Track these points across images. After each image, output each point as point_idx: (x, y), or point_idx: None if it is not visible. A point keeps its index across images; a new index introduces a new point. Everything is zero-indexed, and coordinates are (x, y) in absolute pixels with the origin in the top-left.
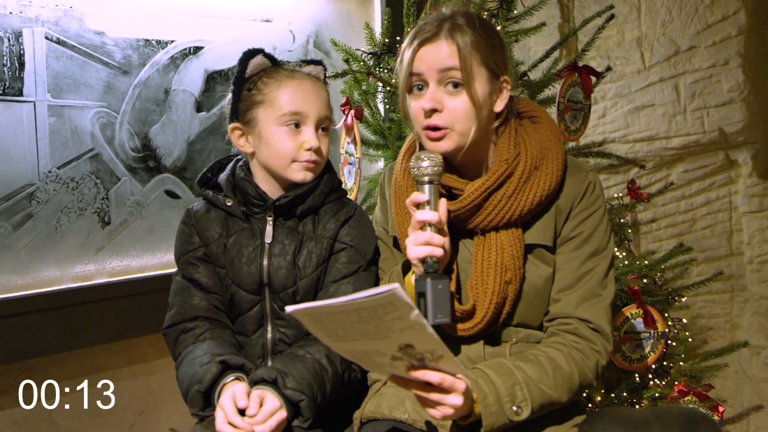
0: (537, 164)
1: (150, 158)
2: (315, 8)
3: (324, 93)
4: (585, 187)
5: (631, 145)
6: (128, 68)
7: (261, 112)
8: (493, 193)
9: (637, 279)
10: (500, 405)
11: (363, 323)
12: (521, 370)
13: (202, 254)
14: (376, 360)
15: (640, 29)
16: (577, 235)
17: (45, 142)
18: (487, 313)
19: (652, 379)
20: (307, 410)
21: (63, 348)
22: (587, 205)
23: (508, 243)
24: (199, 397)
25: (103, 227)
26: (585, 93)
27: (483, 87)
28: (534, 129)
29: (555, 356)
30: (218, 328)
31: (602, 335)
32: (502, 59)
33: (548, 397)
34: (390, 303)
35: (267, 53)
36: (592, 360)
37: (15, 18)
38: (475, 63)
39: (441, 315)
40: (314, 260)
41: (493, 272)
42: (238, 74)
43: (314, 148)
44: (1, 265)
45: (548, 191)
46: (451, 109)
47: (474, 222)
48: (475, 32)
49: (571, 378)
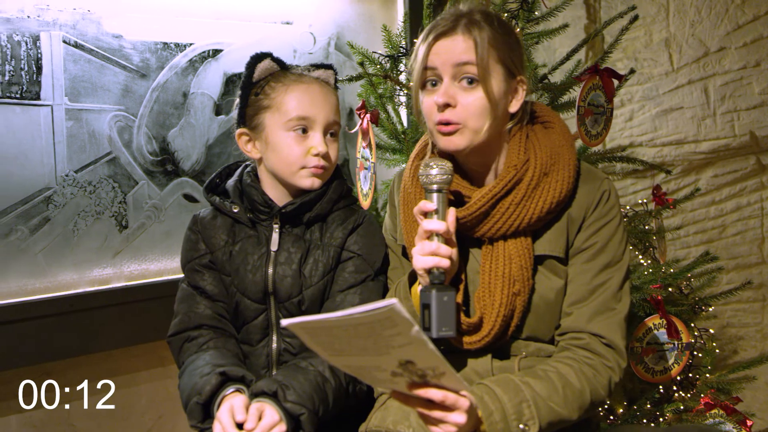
0: (547, 170)
1: (168, 162)
2: (337, 10)
3: (333, 97)
4: (599, 196)
5: (659, 149)
6: (146, 71)
7: (268, 117)
8: (501, 200)
9: (660, 288)
10: (506, 423)
11: (361, 338)
12: (530, 386)
13: (208, 261)
14: (376, 375)
15: (668, 30)
16: (590, 246)
17: (62, 146)
18: (495, 326)
19: (676, 392)
20: (308, 424)
21: (80, 351)
22: (601, 215)
23: (517, 253)
24: (198, 409)
25: (121, 231)
26: (607, 96)
27: (499, 85)
28: (545, 134)
29: (565, 372)
30: (222, 338)
31: (616, 351)
32: (519, 59)
33: (557, 414)
34: (388, 318)
35: (275, 57)
36: (604, 377)
37: (33, 22)
38: (491, 60)
39: (446, 328)
40: (321, 269)
41: (500, 284)
42: (246, 78)
43: (322, 153)
44: (18, 269)
45: (558, 199)
46: (465, 105)
47: (482, 230)
48: (492, 29)
49: (582, 395)
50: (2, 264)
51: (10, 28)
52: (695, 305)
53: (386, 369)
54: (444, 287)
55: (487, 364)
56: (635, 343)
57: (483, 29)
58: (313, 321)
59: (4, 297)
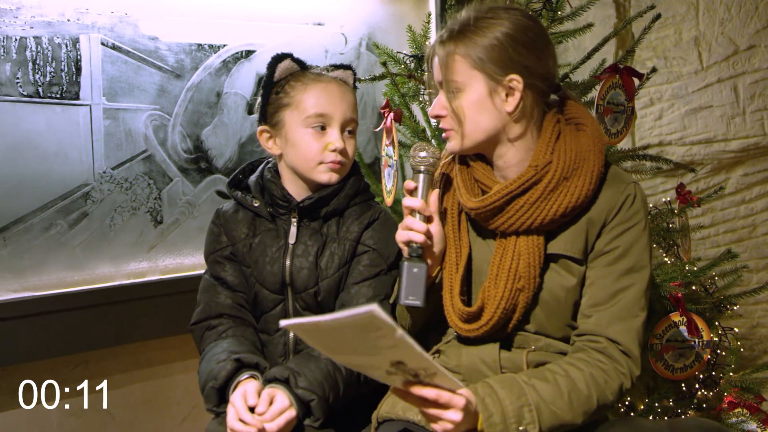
0: (568, 175)
1: (202, 159)
2: (368, 11)
3: (350, 96)
4: (623, 200)
5: (688, 148)
6: (181, 72)
7: (288, 115)
8: (516, 197)
9: (680, 286)
10: (505, 425)
11: (351, 340)
12: (534, 389)
13: (229, 253)
14: (374, 373)
15: (697, 28)
16: (612, 250)
17: (100, 144)
18: (493, 317)
19: (699, 390)
20: (318, 410)
21: (117, 342)
22: (624, 219)
23: (526, 250)
24: (214, 394)
25: (156, 226)
26: (627, 95)
27: (478, 90)
28: (575, 137)
29: (575, 376)
30: (241, 326)
31: (631, 359)
32: (505, 59)
33: (560, 419)
34: (370, 323)
35: (295, 58)
36: (615, 382)
37: (72, 25)
38: (465, 69)
39: (412, 297)
40: (336, 262)
41: (505, 277)
42: (267, 78)
43: (339, 149)
44: (57, 262)
45: (575, 204)
46: (451, 113)
47: (495, 223)
48: (465, 38)
49: (588, 400)
50: (42, 257)
51: (51, 31)
52: (720, 304)
53: (381, 368)
54: (417, 260)
55: (495, 353)
56: (655, 340)
57: (452, 42)
58: (306, 323)
59: (45, 288)
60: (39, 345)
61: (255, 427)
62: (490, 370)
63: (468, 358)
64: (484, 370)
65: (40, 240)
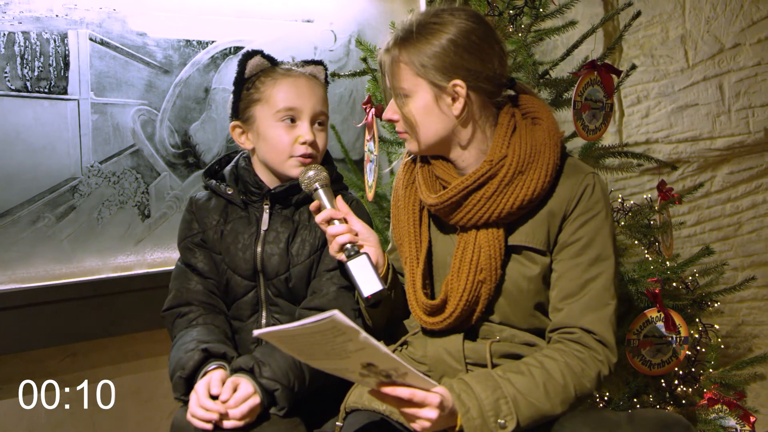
0: (523, 168)
1: (189, 155)
2: (358, 8)
3: (320, 89)
4: (582, 190)
5: (675, 146)
6: (169, 68)
7: (258, 110)
8: (472, 192)
9: (657, 282)
10: (483, 419)
11: (321, 345)
12: (509, 382)
13: (200, 240)
14: (349, 375)
15: (684, 27)
16: (576, 241)
17: (88, 138)
18: (456, 309)
19: (679, 386)
20: (283, 399)
21: (104, 334)
22: (585, 209)
23: (486, 243)
24: (182, 383)
25: (143, 220)
26: (606, 92)
27: (424, 97)
28: (530, 131)
29: (550, 367)
30: (212, 314)
31: (607, 347)
32: (447, 65)
33: (538, 410)
34: (334, 328)
35: (266, 54)
36: (593, 370)
37: (61, 20)
38: (409, 76)
39: (371, 286)
40: (307, 249)
41: (467, 270)
42: (238, 75)
43: (309, 141)
44: (45, 254)
45: (531, 197)
46: (402, 118)
47: (455, 218)
48: (408, 45)
49: (565, 390)
50: (30, 249)
51: (39, 26)
52: (701, 301)
53: (354, 371)
54: (355, 255)
55: (459, 344)
56: (632, 335)
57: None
58: (276, 331)
59: (32, 281)
60: (26, 336)
61: (216, 413)
62: (454, 360)
63: (433, 348)
64: (449, 360)
65: (27, 233)
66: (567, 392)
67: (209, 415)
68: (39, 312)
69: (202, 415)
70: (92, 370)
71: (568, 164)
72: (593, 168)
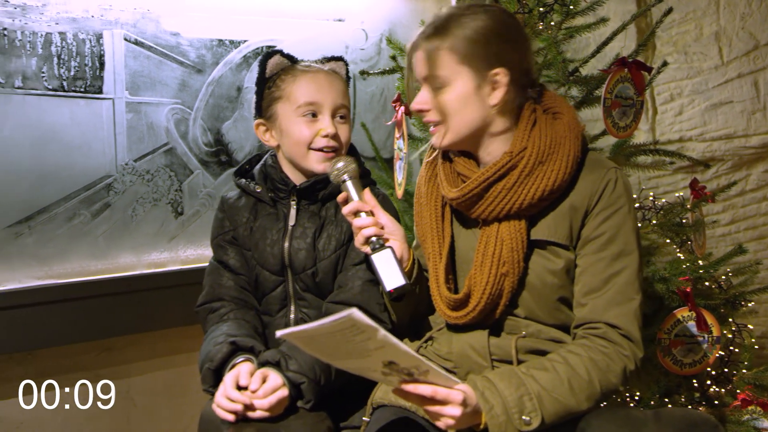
0: (543, 159)
1: (222, 153)
2: (389, 7)
3: (339, 84)
4: (604, 185)
5: (709, 144)
6: (202, 67)
7: (280, 107)
8: (493, 184)
9: (688, 280)
10: (508, 416)
11: (341, 344)
12: (533, 379)
13: (231, 237)
14: (371, 375)
15: (718, 23)
16: (600, 235)
17: (123, 137)
18: (480, 303)
19: (711, 386)
20: (309, 392)
21: (138, 330)
22: (608, 204)
23: (509, 236)
24: (210, 375)
25: (176, 217)
26: (636, 89)
27: (465, 84)
28: (550, 124)
29: (574, 363)
30: (242, 309)
31: (633, 342)
32: (491, 54)
33: (564, 406)
34: (352, 326)
35: (285, 53)
36: (618, 365)
37: (96, 21)
38: (452, 64)
39: (395, 280)
40: (333, 244)
41: (489, 263)
42: (259, 75)
43: (330, 134)
44: (80, 251)
45: (552, 187)
46: (436, 108)
47: (477, 211)
48: (450, 33)
49: (590, 385)
50: (66, 245)
51: (75, 27)
52: (734, 300)
53: (376, 369)
54: (380, 248)
55: (484, 340)
56: (663, 334)
57: (437, 37)
58: (297, 332)
59: (68, 276)
60: (62, 331)
61: (241, 403)
62: (479, 356)
63: (458, 344)
64: (474, 356)
65: (63, 229)
66: (592, 388)
67: (234, 405)
68: (75, 307)
69: (226, 405)
70: (127, 365)
71: (590, 159)
72: (615, 164)
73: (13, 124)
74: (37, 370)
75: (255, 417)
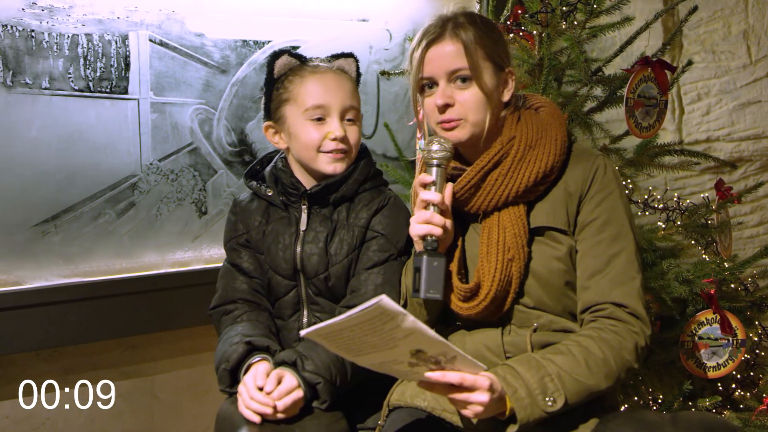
0: (533, 144)
1: (246, 153)
2: (413, 7)
3: (348, 84)
4: (595, 170)
5: (737, 144)
6: (226, 67)
7: (288, 109)
8: (489, 173)
9: (712, 283)
10: (532, 398)
11: (368, 336)
12: (551, 362)
13: (244, 240)
14: (398, 369)
15: (746, 22)
16: (595, 219)
17: (147, 137)
18: (491, 291)
19: (736, 390)
20: (325, 392)
21: (162, 327)
22: (601, 188)
23: (510, 222)
24: (227, 375)
25: (200, 217)
26: (660, 88)
27: (490, 79)
28: (535, 115)
29: (587, 344)
30: (256, 311)
31: (640, 319)
32: (504, 53)
33: (584, 385)
34: (382, 314)
35: (293, 53)
36: (629, 341)
37: (122, 22)
38: (480, 57)
39: (433, 290)
40: (345, 248)
41: (495, 251)
42: (267, 76)
43: (339, 137)
44: (105, 249)
45: (545, 170)
46: (462, 102)
47: (476, 204)
48: (476, 29)
49: (606, 363)
50: (92, 244)
51: (101, 28)
52: (761, 303)
53: (402, 361)
54: (435, 253)
55: (498, 339)
56: (686, 337)
57: (468, 30)
58: (323, 327)
59: (93, 275)
60: (88, 329)
61: (267, 405)
62: (494, 355)
63: (472, 345)
64: (489, 356)
65: (89, 228)
66: (608, 366)
67: (263, 408)
68: (100, 305)
69: (256, 408)
70: (151, 362)
71: (577, 148)
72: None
73: (40, 125)
74: (62, 367)
75: (271, 419)
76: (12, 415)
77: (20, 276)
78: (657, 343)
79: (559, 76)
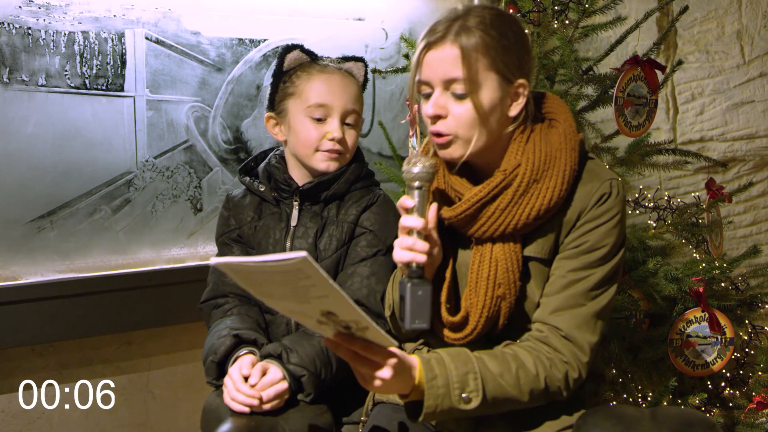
0: (538, 177)
1: (241, 150)
2: (409, 6)
3: (353, 87)
4: (596, 199)
5: (730, 144)
6: (222, 65)
7: (291, 103)
8: (487, 204)
9: (701, 281)
10: (448, 389)
11: (280, 285)
12: (482, 361)
13: (236, 236)
14: (305, 321)
15: (740, 22)
16: (579, 245)
17: (143, 134)
18: (478, 326)
19: (725, 388)
20: (309, 385)
21: (158, 323)
22: (596, 216)
23: (503, 256)
24: (214, 367)
25: (195, 214)
26: (650, 87)
27: (492, 93)
28: (545, 135)
29: (523, 356)
30: (246, 305)
31: (574, 345)
32: (517, 62)
33: (506, 393)
34: (300, 270)
35: (305, 49)
36: (560, 371)
37: (118, 20)
38: (482, 68)
39: (419, 321)
40: (334, 243)
41: (484, 285)
42: (276, 67)
43: (337, 138)
44: (101, 245)
45: (548, 206)
46: (456, 116)
47: (470, 230)
48: (484, 34)
49: (536, 380)
50: (87, 240)
51: (98, 26)
52: (750, 302)
53: (312, 317)
54: (420, 281)
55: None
56: (674, 335)
57: (473, 35)
58: (235, 262)
59: (89, 270)
60: (83, 324)
61: (253, 396)
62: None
63: None
64: None
65: (85, 224)
66: (537, 383)
67: (249, 400)
68: (95, 301)
69: (242, 399)
70: (146, 358)
71: (587, 170)
72: (614, 174)
73: (37, 121)
74: (57, 362)
75: (256, 410)
76: (8, 409)
77: (16, 271)
78: (646, 341)
79: (551, 74)
